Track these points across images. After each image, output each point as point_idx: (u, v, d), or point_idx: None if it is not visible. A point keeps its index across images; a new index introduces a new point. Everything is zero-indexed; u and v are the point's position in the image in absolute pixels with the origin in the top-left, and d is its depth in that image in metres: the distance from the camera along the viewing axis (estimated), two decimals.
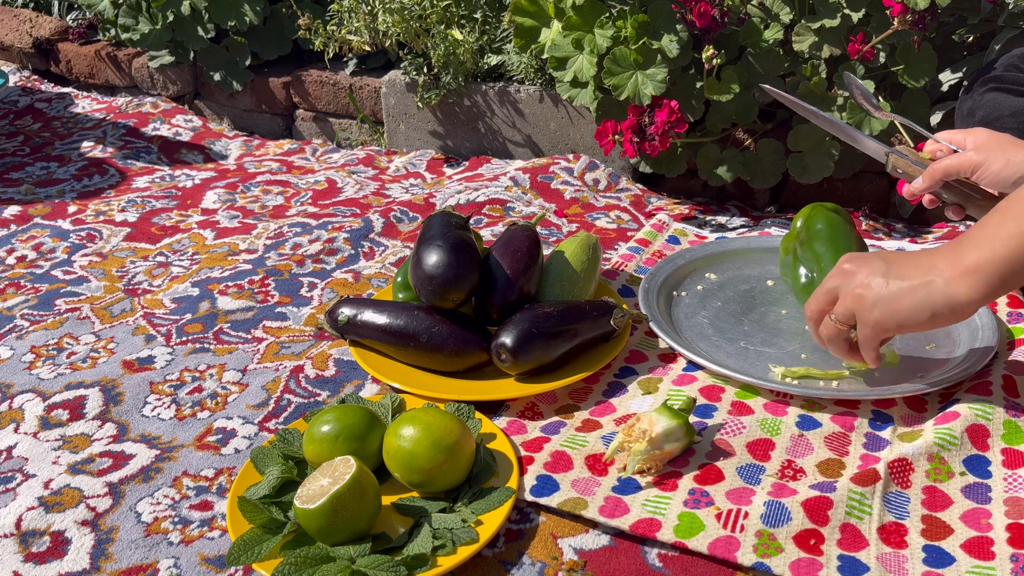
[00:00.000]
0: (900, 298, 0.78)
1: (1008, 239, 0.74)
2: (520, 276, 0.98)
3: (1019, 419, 0.83)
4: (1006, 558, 0.70)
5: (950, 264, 0.77)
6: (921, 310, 0.77)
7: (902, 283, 0.78)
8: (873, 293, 0.79)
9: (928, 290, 0.77)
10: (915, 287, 0.78)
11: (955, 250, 0.78)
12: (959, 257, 0.77)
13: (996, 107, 1.10)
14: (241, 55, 1.87)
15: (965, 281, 0.76)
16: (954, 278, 0.76)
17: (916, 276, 0.78)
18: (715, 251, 1.18)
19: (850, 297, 0.81)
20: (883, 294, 0.79)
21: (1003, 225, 0.75)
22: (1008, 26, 1.26)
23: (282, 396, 0.96)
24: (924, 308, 0.77)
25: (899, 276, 0.79)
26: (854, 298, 0.81)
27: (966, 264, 0.76)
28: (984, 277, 0.75)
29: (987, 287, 0.75)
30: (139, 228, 1.40)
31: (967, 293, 0.76)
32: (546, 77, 1.56)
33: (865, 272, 0.81)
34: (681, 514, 0.75)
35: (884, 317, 0.79)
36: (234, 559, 0.70)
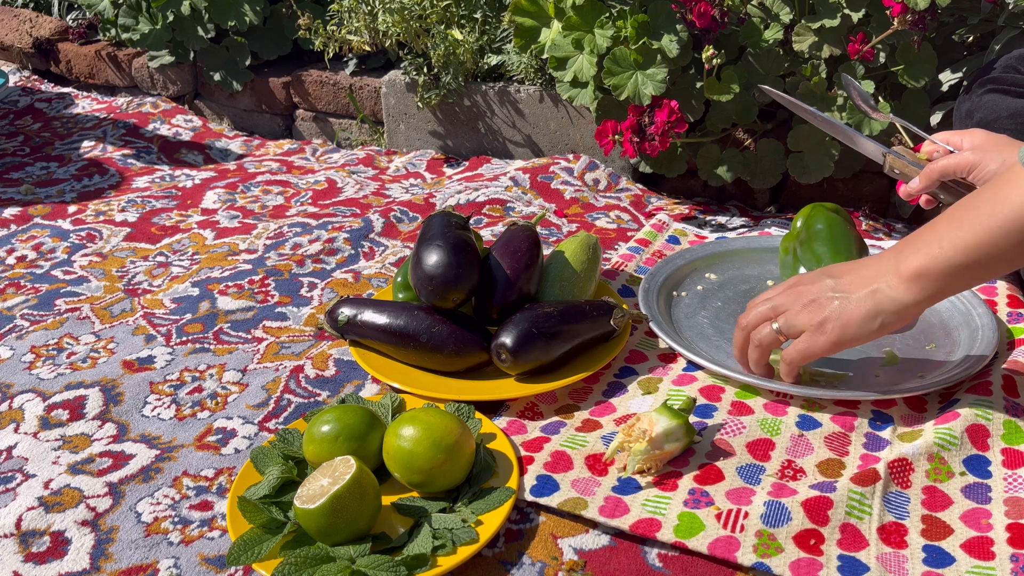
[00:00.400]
0: (849, 311, 0.80)
1: (949, 244, 0.76)
2: (520, 276, 0.98)
3: (1019, 419, 0.83)
4: (1006, 558, 0.70)
5: (893, 269, 0.79)
6: (870, 319, 0.79)
7: (849, 296, 0.80)
8: (824, 310, 0.81)
9: (875, 299, 0.79)
10: (862, 298, 0.80)
11: (898, 255, 0.79)
12: (902, 261, 0.79)
13: (994, 108, 1.10)
14: (241, 55, 1.87)
15: (909, 285, 0.78)
16: (898, 283, 0.78)
17: (861, 287, 0.80)
18: (715, 251, 1.18)
19: (803, 314, 0.82)
20: (833, 310, 0.81)
21: (946, 230, 0.77)
22: (1008, 26, 1.26)
23: (282, 396, 0.96)
24: (872, 317, 0.79)
25: (845, 290, 0.81)
26: (807, 315, 0.82)
27: (910, 268, 0.78)
28: (927, 281, 0.77)
29: (930, 290, 0.77)
30: (139, 228, 1.40)
31: (912, 296, 0.78)
32: (546, 77, 1.56)
33: (814, 290, 0.83)
34: (681, 514, 0.75)
35: (837, 333, 0.81)
36: (234, 559, 0.70)
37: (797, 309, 0.83)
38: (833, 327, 0.81)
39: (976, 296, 1.02)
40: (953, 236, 0.76)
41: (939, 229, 0.78)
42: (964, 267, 0.76)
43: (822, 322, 0.81)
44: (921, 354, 0.97)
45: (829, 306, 0.81)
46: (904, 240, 0.81)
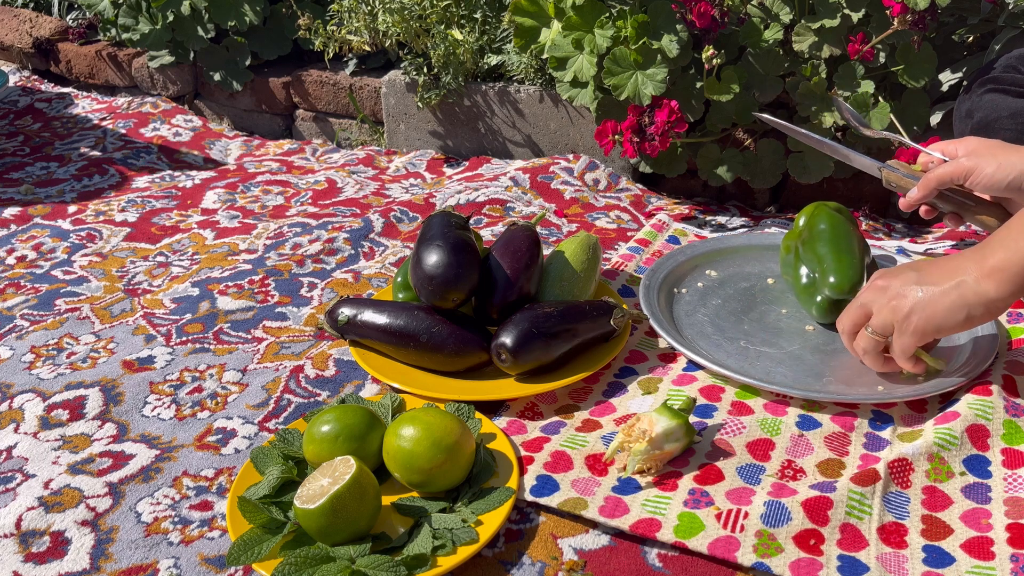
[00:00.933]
0: (935, 302, 0.81)
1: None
2: (520, 276, 0.98)
3: (1019, 419, 0.83)
4: (1006, 558, 0.70)
5: (977, 265, 0.80)
6: (956, 311, 0.80)
7: (934, 288, 0.81)
8: (908, 302, 0.82)
9: (960, 291, 0.80)
10: (947, 290, 0.81)
11: (982, 251, 0.81)
12: (985, 257, 0.80)
13: (995, 108, 1.10)
14: (241, 55, 1.87)
15: (992, 279, 0.79)
16: (982, 277, 0.79)
17: (946, 280, 0.81)
18: (716, 248, 1.18)
19: (886, 309, 0.84)
20: (918, 301, 0.82)
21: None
22: (1008, 26, 1.26)
23: (282, 396, 0.96)
24: (959, 308, 0.80)
25: (930, 282, 0.82)
26: (891, 310, 0.84)
27: (992, 263, 0.79)
28: (1011, 275, 0.78)
29: (1014, 284, 0.78)
30: (139, 228, 1.40)
31: (996, 290, 0.79)
32: (546, 77, 1.56)
33: (898, 284, 0.84)
34: (681, 514, 0.75)
35: (922, 323, 0.82)
36: (234, 559, 0.70)
37: (882, 304, 0.84)
38: (919, 318, 0.82)
39: None
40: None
41: (1012, 223, 0.79)
42: None
43: (908, 314, 0.82)
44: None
45: (913, 298, 0.82)
46: (993, 234, 0.82)
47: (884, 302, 0.84)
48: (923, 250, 1.20)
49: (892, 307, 0.83)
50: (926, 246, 1.23)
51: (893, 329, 0.84)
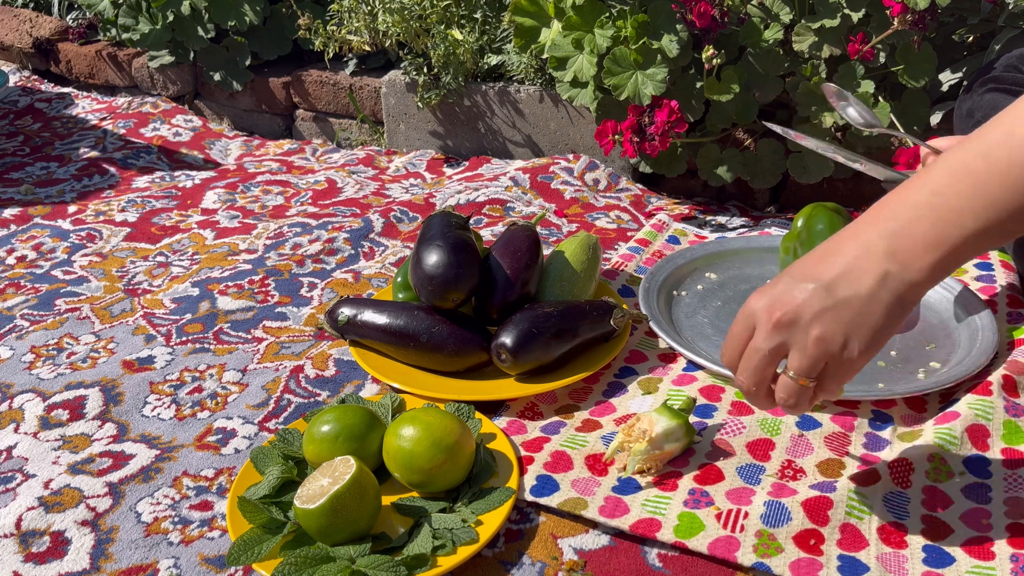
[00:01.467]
0: (869, 315, 0.63)
1: (959, 209, 0.62)
2: (520, 276, 0.98)
3: (1019, 419, 0.83)
4: (1006, 558, 0.70)
5: (893, 247, 0.63)
6: (895, 314, 0.64)
7: (856, 295, 0.63)
8: (838, 327, 0.63)
9: (889, 287, 0.63)
10: (875, 293, 0.63)
11: (889, 227, 0.64)
12: (900, 234, 0.63)
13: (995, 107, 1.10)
14: (241, 55, 1.87)
15: (927, 258, 0.63)
16: (911, 260, 0.63)
17: (865, 279, 0.63)
18: (715, 250, 1.18)
19: (811, 345, 0.64)
20: (849, 322, 0.63)
21: (948, 188, 0.62)
22: (1008, 26, 1.26)
23: (282, 396, 0.96)
24: (897, 310, 0.64)
25: (845, 290, 0.64)
26: (817, 344, 0.64)
27: (918, 240, 0.63)
28: (947, 255, 0.62)
29: (949, 266, 0.63)
30: (139, 228, 1.40)
31: (930, 276, 0.63)
32: (546, 77, 1.56)
33: (807, 312, 0.64)
34: (681, 514, 0.75)
35: (866, 344, 0.64)
36: (234, 559, 0.70)
37: (800, 341, 0.65)
38: (860, 340, 0.64)
39: (976, 296, 1.02)
40: (964, 201, 0.62)
41: (939, 191, 0.63)
42: (983, 234, 0.62)
43: (844, 343, 0.64)
44: (921, 354, 0.97)
45: (839, 319, 0.63)
46: (885, 208, 0.65)
47: (801, 338, 0.64)
48: None
49: (818, 340, 0.64)
50: None
51: (827, 366, 0.65)
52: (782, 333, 0.65)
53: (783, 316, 0.65)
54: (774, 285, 0.67)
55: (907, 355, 0.96)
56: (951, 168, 0.63)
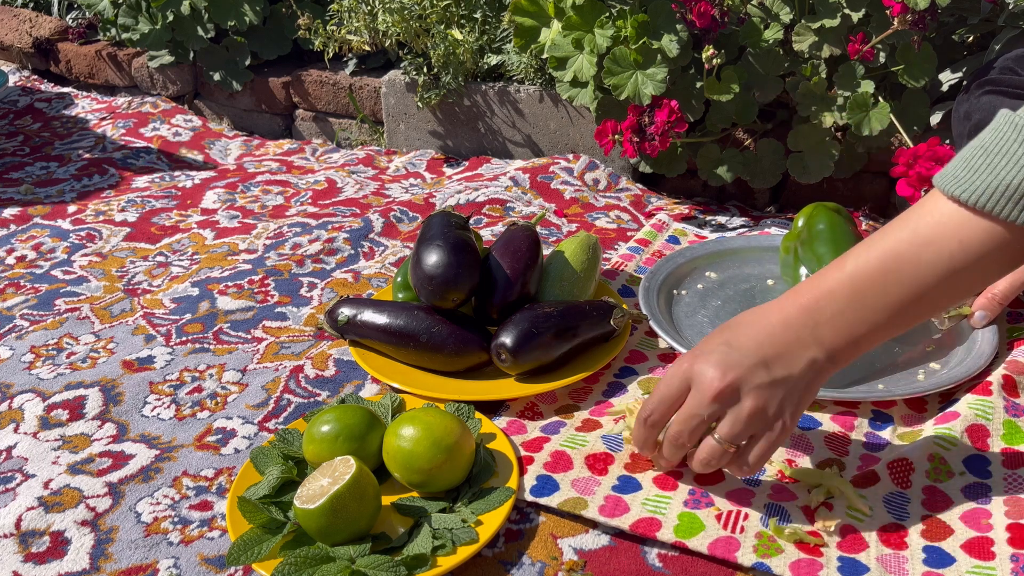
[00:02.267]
0: (801, 394, 0.71)
1: (876, 309, 0.68)
2: (520, 276, 0.98)
3: (1019, 419, 0.83)
4: (1006, 558, 0.70)
5: (818, 338, 0.70)
6: (816, 388, 0.72)
7: (790, 375, 0.70)
8: (775, 402, 0.70)
9: (816, 372, 0.70)
10: (805, 380, 0.70)
11: (814, 315, 0.70)
12: (828, 333, 0.69)
13: (992, 110, 1.10)
14: (241, 55, 1.87)
15: (844, 355, 0.70)
16: (834, 353, 0.70)
17: (798, 362, 0.70)
18: (715, 250, 1.18)
19: (746, 416, 0.70)
20: (784, 398, 0.70)
21: (870, 292, 0.68)
22: (1008, 26, 1.25)
23: (282, 396, 0.96)
24: (817, 385, 0.72)
25: (782, 370, 0.70)
26: (753, 415, 0.70)
27: (839, 336, 0.69)
28: (864, 346, 0.70)
29: (865, 351, 0.71)
30: (139, 228, 1.40)
31: (849, 361, 0.71)
32: (546, 77, 1.56)
33: (746, 383, 0.70)
34: (681, 514, 0.75)
35: (793, 416, 0.71)
36: (234, 559, 0.70)
37: (739, 414, 0.70)
38: (791, 415, 0.71)
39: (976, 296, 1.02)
40: (878, 300, 0.68)
41: (859, 290, 0.69)
42: (896, 326, 0.69)
43: (777, 415, 0.70)
44: (921, 354, 0.97)
45: (776, 397, 0.70)
46: (814, 296, 0.70)
47: (737, 409, 0.70)
48: None
49: (753, 411, 0.69)
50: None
51: (753, 436, 0.72)
52: (721, 403, 0.70)
53: (725, 388, 0.69)
54: (710, 351, 0.71)
55: (907, 356, 0.96)
56: (866, 264, 0.69)
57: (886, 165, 1.33)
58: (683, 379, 0.72)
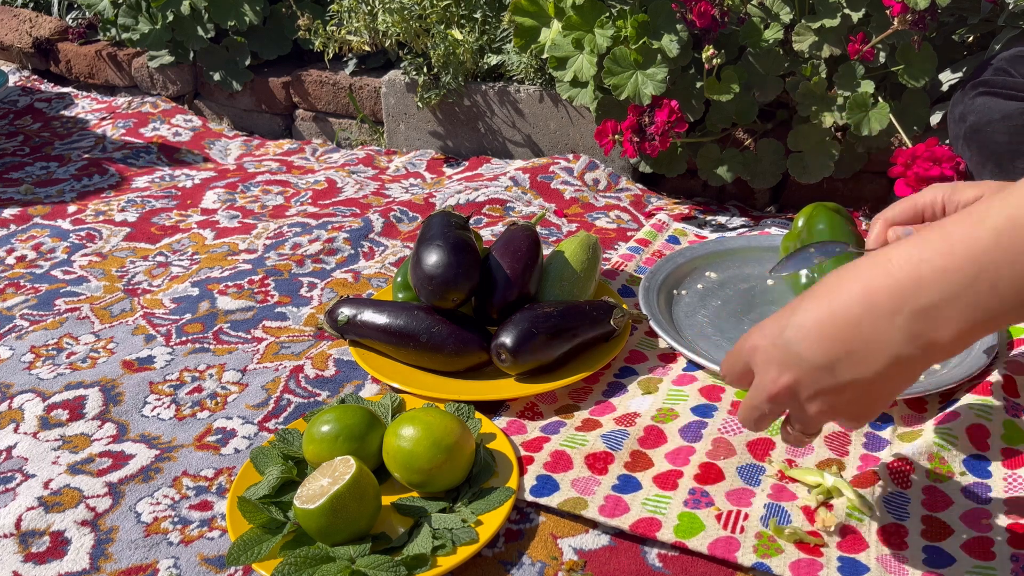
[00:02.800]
0: (873, 393, 0.58)
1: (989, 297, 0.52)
2: (520, 276, 0.98)
3: (1019, 419, 0.83)
4: (1006, 558, 0.70)
5: (920, 329, 0.54)
6: (899, 388, 0.58)
7: (861, 378, 0.57)
8: (838, 408, 0.60)
9: (900, 366, 0.56)
10: (881, 372, 0.56)
11: (920, 303, 0.54)
12: (937, 319, 0.53)
13: (986, 111, 1.10)
14: (241, 55, 1.87)
15: (948, 347, 0.54)
16: (933, 348, 0.55)
17: (874, 362, 0.56)
18: (715, 249, 1.18)
19: (812, 418, 0.62)
20: (852, 401, 0.59)
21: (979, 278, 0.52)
22: (1008, 26, 1.26)
23: (282, 396, 0.96)
24: (901, 385, 0.58)
25: (850, 372, 0.57)
26: (818, 417, 0.61)
27: (956, 328, 0.53)
28: (972, 338, 0.54)
29: (964, 347, 0.56)
30: (139, 228, 1.40)
31: (943, 357, 0.56)
32: (546, 77, 1.56)
33: (804, 389, 0.60)
34: (681, 514, 0.75)
35: (864, 418, 0.61)
36: (234, 559, 0.70)
37: (803, 416, 0.62)
38: (861, 417, 0.61)
39: None
40: (1009, 279, 0.51)
41: (983, 265, 0.52)
42: (1011, 317, 0.53)
43: (848, 421, 0.62)
44: None
45: (841, 403, 0.59)
46: (912, 272, 0.54)
47: (800, 411, 0.62)
48: None
49: (817, 415, 0.61)
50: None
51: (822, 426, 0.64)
52: (780, 403, 0.62)
53: (781, 391, 0.61)
54: (772, 340, 0.61)
55: None
56: (998, 232, 0.51)
57: (886, 165, 1.33)
58: (744, 363, 0.64)
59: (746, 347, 0.64)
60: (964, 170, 1.12)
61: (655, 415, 0.89)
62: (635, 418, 0.88)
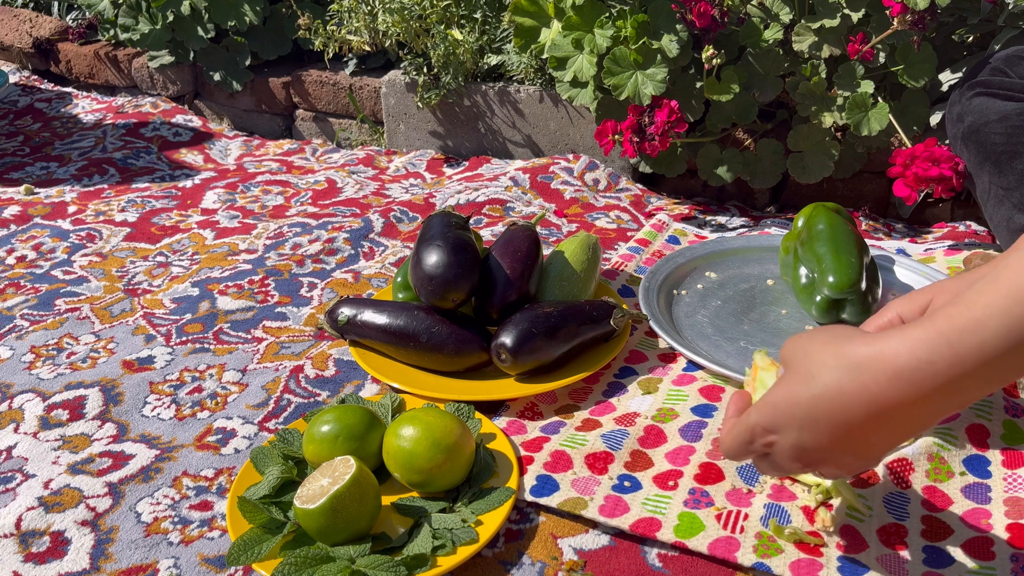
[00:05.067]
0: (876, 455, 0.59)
1: None
2: (520, 276, 0.98)
3: (1019, 419, 0.83)
4: (1006, 558, 0.70)
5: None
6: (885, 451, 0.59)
7: (871, 461, 0.60)
8: (860, 462, 0.61)
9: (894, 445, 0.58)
10: (884, 453, 0.59)
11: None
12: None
13: (983, 112, 1.10)
14: (241, 55, 1.87)
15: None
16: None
17: (880, 451, 0.59)
18: (715, 249, 1.18)
19: (834, 472, 0.62)
20: (871, 462, 0.61)
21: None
22: (1008, 26, 1.26)
23: (282, 396, 0.96)
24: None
25: (862, 457, 0.59)
26: (836, 472, 0.62)
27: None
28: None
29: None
30: (139, 228, 1.40)
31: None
32: (546, 77, 1.56)
33: (825, 463, 0.60)
34: (681, 514, 0.75)
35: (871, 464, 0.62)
36: (234, 559, 0.70)
37: (830, 473, 0.62)
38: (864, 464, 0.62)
39: None
40: None
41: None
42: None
43: (863, 465, 0.62)
44: None
45: (857, 468, 0.62)
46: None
47: (824, 471, 0.62)
48: (923, 250, 1.20)
49: (837, 471, 0.62)
50: (926, 246, 1.23)
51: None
52: (803, 466, 0.62)
53: (802, 469, 0.62)
54: (787, 423, 0.60)
55: None
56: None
57: (886, 165, 1.33)
58: (752, 436, 0.63)
59: (752, 423, 0.62)
60: (963, 170, 1.12)
61: (655, 415, 0.89)
62: (635, 418, 0.88)
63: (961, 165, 1.13)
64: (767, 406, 0.61)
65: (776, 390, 0.61)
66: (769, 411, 0.61)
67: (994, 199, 1.07)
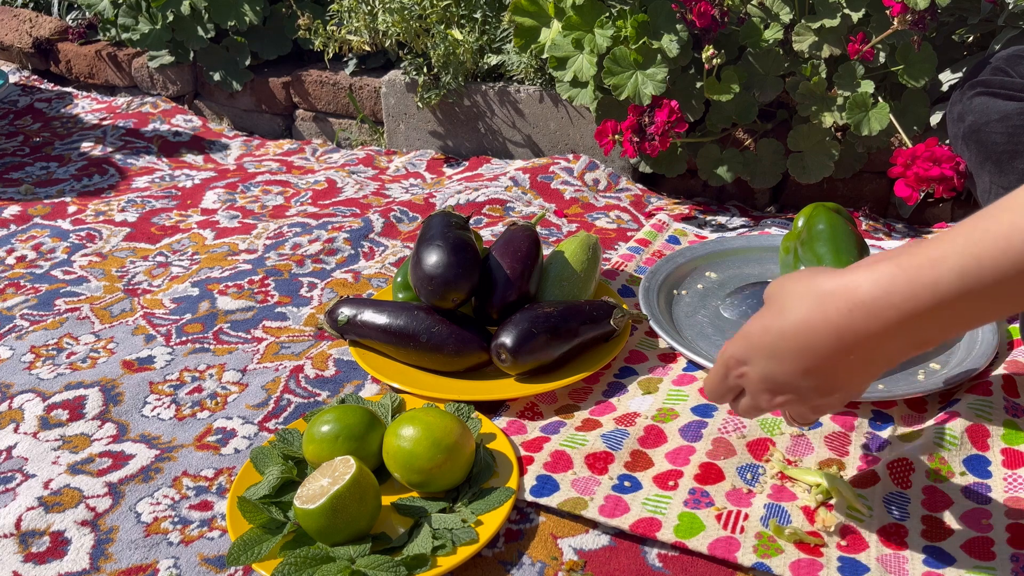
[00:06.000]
0: (867, 380, 0.61)
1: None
2: (520, 276, 0.98)
3: (1019, 419, 0.83)
4: (1006, 558, 0.70)
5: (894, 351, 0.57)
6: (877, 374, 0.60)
7: (847, 393, 0.62)
8: (830, 402, 0.63)
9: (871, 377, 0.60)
10: (862, 386, 0.61)
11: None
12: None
13: (984, 112, 1.10)
14: (241, 55, 1.87)
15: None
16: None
17: (855, 382, 0.61)
18: (716, 250, 1.18)
19: (815, 409, 0.64)
20: (844, 398, 0.63)
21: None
22: (1008, 26, 1.26)
23: (282, 396, 0.96)
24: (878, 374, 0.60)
25: (828, 386, 0.61)
26: (819, 410, 0.65)
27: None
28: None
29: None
30: (139, 228, 1.40)
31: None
32: (546, 77, 1.56)
33: (795, 395, 0.62)
34: (681, 514, 0.75)
35: (854, 395, 0.64)
36: (234, 559, 0.70)
37: (805, 411, 0.65)
38: (851, 397, 0.64)
39: None
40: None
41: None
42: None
43: (841, 400, 0.63)
44: (920, 355, 0.97)
45: (829, 404, 0.63)
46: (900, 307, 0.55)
47: (801, 407, 0.64)
48: None
49: (818, 408, 0.64)
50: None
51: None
52: (771, 397, 0.64)
53: (772, 406, 0.64)
54: (754, 354, 0.62)
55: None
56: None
57: (886, 165, 1.33)
58: (729, 371, 0.66)
59: (726, 357, 0.65)
60: (964, 170, 1.12)
61: (655, 415, 0.89)
62: (635, 418, 0.88)
63: (962, 165, 1.13)
64: (740, 337, 0.64)
65: (751, 323, 0.64)
66: (742, 342, 0.64)
67: (995, 199, 1.07)
